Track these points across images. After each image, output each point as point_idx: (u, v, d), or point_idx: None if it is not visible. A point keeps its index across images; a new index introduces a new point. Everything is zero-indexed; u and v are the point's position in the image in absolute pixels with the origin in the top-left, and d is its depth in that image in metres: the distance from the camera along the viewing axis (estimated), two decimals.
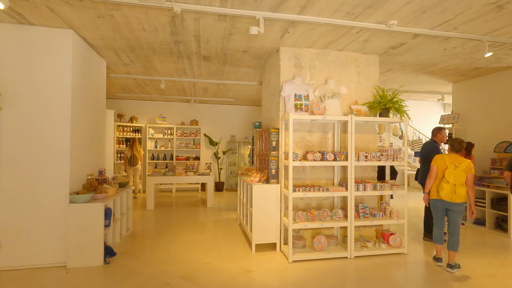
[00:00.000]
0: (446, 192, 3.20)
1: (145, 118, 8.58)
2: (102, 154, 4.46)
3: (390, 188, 3.80)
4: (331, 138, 4.03)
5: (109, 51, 4.14)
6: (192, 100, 8.06)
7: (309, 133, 3.97)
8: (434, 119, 9.68)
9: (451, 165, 3.28)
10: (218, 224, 5.08)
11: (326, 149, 4.02)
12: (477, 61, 4.49)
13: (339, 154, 3.62)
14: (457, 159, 3.30)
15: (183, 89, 6.87)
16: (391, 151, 3.81)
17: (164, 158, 8.56)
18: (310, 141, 3.97)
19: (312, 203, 3.97)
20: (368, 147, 4.15)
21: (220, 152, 9.05)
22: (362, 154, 3.64)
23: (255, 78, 5.66)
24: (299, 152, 3.91)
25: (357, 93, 4.13)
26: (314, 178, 3.97)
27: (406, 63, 4.63)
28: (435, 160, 3.45)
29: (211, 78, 5.68)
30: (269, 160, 3.81)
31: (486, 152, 5.25)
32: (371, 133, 4.16)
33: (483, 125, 5.40)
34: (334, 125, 4.00)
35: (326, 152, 3.61)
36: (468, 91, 5.71)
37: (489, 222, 4.83)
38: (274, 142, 3.83)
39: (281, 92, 3.76)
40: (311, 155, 3.55)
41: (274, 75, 4.25)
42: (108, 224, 3.58)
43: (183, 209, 6.25)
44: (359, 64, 4.15)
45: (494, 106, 5.20)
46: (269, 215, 3.75)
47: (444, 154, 3.50)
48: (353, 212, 3.59)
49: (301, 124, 3.94)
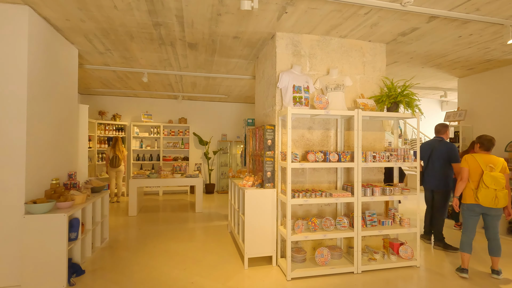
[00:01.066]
0: (487, 198, 2.94)
1: (129, 115, 7.99)
2: (73, 154, 3.90)
3: (401, 193, 3.36)
4: (334, 136, 3.57)
5: (79, 36, 3.59)
6: (180, 96, 7.52)
7: (309, 130, 3.50)
8: (432, 117, 9.36)
9: (486, 166, 3.01)
10: (207, 232, 4.57)
11: (328, 149, 3.56)
12: (491, 52, 4.10)
13: (344, 154, 3.16)
14: (490, 159, 3.04)
15: (169, 84, 6.33)
16: (401, 151, 3.38)
17: (150, 159, 7.99)
18: (310, 139, 3.50)
19: (313, 209, 3.50)
20: (374, 146, 3.71)
21: (210, 152, 8.53)
22: (370, 154, 3.19)
23: (248, 71, 5.17)
24: (298, 152, 3.44)
25: (362, 85, 3.69)
26: (315, 181, 3.51)
27: (414, 54, 4.21)
28: (466, 161, 3.15)
29: (199, 70, 5.16)
30: (264, 161, 3.33)
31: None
32: (377, 130, 3.72)
33: (492, 122, 5.04)
34: (337, 121, 3.55)
35: (329, 152, 3.15)
36: (475, 86, 5.34)
37: (503, 227, 4.46)
38: (270, 140, 3.35)
39: (278, 84, 3.28)
40: (312, 155, 3.08)
41: (269, 65, 3.77)
42: (75, 238, 3.04)
43: (169, 215, 5.72)
44: (364, 53, 3.71)
45: (505, 101, 4.84)
46: (264, 225, 3.27)
47: (474, 154, 3.16)
48: (360, 220, 3.14)
49: (299, 121, 3.47)
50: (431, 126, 9.67)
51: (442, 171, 3.94)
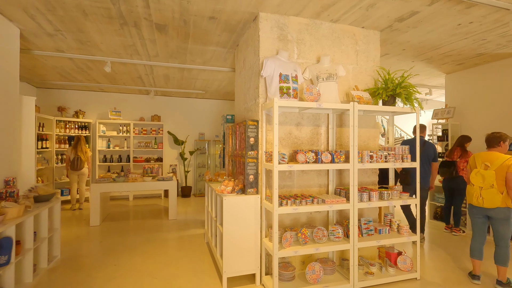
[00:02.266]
0: (472, 196, 2.85)
1: (94, 112, 7.19)
2: (11, 156, 3.20)
3: (399, 197, 3.00)
4: (324, 133, 3.15)
5: (18, 10, 2.91)
6: (152, 91, 6.84)
7: (297, 127, 3.05)
8: (412, 116, 9.32)
9: (481, 164, 2.85)
10: (181, 244, 4.01)
11: (319, 147, 3.13)
12: (485, 44, 3.87)
13: (338, 154, 2.74)
14: (488, 157, 2.84)
15: (138, 76, 5.67)
16: (399, 150, 3.02)
17: (119, 160, 7.23)
18: (298, 137, 3.06)
19: (302, 217, 3.06)
20: (368, 144, 3.33)
21: (186, 152, 7.90)
22: (367, 154, 2.80)
23: (227, 62, 4.66)
24: (285, 151, 2.98)
25: (355, 76, 3.30)
26: (304, 185, 3.07)
27: (408, 45, 3.90)
28: (468, 162, 3.06)
29: (172, 60, 4.58)
30: (246, 163, 2.84)
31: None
32: (371, 127, 3.35)
33: (480, 120, 4.87)
34: (329, 116, 3.13)
35: (321, 151, 2.72)
36: (463, 83, 5.16)
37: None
38: (252, 139, 2.86)
39: (261, 71, 2.80)
40: (302, 155, 2.64)
41: (251, 52, 3.29)
42: (5, 262, 2.38)
43: (138, 223, 5.07)
44: (357, 41, 3.32)
45: (493, 98, 4.68)
46: (246, 237, 2.78)
47: (477, 153, 2.97)
48: (356, 230, 2.73)
49: (287, 115, 3.02)
50: (409, 125, 9.63)
51: (428, 169, 4.05)
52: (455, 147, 4.46)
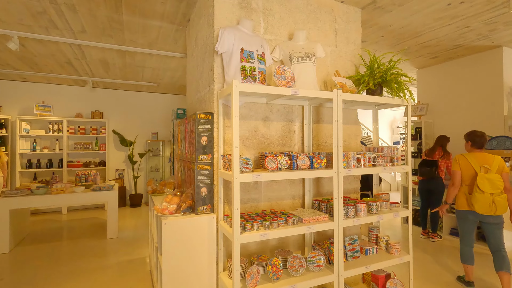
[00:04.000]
0: (483, 204, 2.55)
1: (14, 106, 5.82)
2: None
3: (390, 208, 2.45)
4: (299, 130, 2.49)
5: None
6: (90, 82, 5.69)
7: (264, 122, 2.35)
8: (369, 115, 9.21)
9: (480, 167, 2.64)
10: (118, 276, 3.09)
11: (292, 148, 2.47)
12: (467, 33, 3.54)
13: (318, 157, 2.10)
14: (484, 159, 2.66)
15: (68, 62, 4.55)
16: (388, 151, 2.47)
17: (49, 165, 5.95)
18: (266, 135, 2.36)
19: (272, 239, 2.37)
20: (349, 144, 2.75)
21: (136, 154, 6.83)
22: (353, 157, 2.19)
23: (178, 45, 3.82)
24: (249, 154, 2.27)
25: (334, 61, 2.70)
26: (274, 197, 2.38)
27: (388, 30, 3.42)
28: (457, 163, 2.79)
29: (106, 39, 3.61)
30: (196, 171, 2.07)
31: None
32: (353, 123, 2.78)
33: (454, 118, 4.63)
34: (304, 109, 2.47)
35: (296, 154, 2.05)
36: (436, 78, 4.91)
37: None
38: (205, 138, 2.10)
39: (216, 45, 2.05)
40: (272, 160, 1.94)
41: (204, 24, 2.52)
42: None
43: (67, 246, 4.00)
44: (336, 18, 2.72)
45: (466, 95, 4.45)
46: (195, 273, 2.01)
47: (465, 154, 2.79)
48: (341, 256, 2.10)
49: (251, 107, 2.30)
50: (369, 122, 9.53)
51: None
52: (437, 146, 4.13)
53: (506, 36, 3.63)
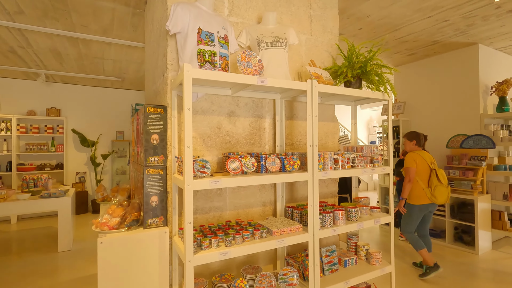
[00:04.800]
0: (443, 195, 2.91)
1: None
2: None
3: (370, 214, 2.22)
4: (270, 128, 2.19)
5: None
6: (43, 75, 5.09)
7: (229, 118, 2.03)
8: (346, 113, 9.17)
9: (430, 163, 3.00)
10: None
11: (262, 148, 2.16)
12: (445, 28, 3.41)
13: (290, 158, 1.81)
14: (429, 156, 3.07)
15: (11, 50, 3.97)
16: (368, 150, 2.23)
17: None
18: (232, 133, 2.03)
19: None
20: (326, 143, 2.49)
21: (99, 156, 6.25)
22: (330, 158, 1.92)
23: (138, 33, 3.40)
24: (211, 156, 1.93)
25: (309, 51, 2.42)
26: (241, 204, 2.06)
27: (366, 21, 3.21)
28: (414, 160, 3.00)
29: (51, 23, 3.13)
30: (145, 176, 1.71)
31: (438, 148, 4.39)
32: (330, 120, 2.52)
33: (431, 116, 4.55)
34: (275, 103, 2.17)
35: (265, 155, 1.75)
36: (413, 76, 4.82)
37: (449, 234, 3.90)
38: (156, 136, 1.74)
39: (167, 23, 1.69)
40: (235, 163, 1.62)
41: (158, 2, 2.15)
42: None
43: (9, 261, 3.45)
44: (311, 3, 2.45)
45: (443, 93, 4.38)
46: None
47: (418, 151, 3.07)
48: (317, 271, 1.82)
49: (214, 100, 1.97)
50: (347, 126, 9.51)
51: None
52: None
53: (482, 33, 3.56)
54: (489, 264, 3.29)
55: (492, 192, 3.79)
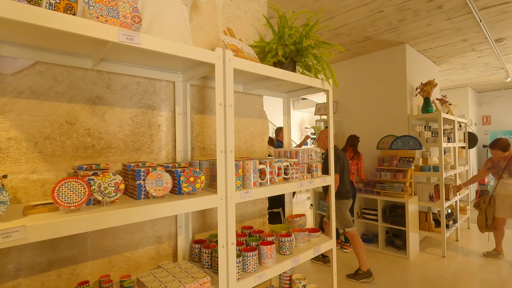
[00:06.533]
0: None
1: None
2: None
3: (308, 240, 1.68)
4: (168, 124, 1.47)
5: None
6: None
7: (93, 107, 1.23)
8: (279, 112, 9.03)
9: None
10: None
11: (155, 156, 1.42)
12: (378, 21, 3.20)
13: (190, 173, 1.12)
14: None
15: None
16: (305, 155, 1.70)
17: None
18: (98, 132, 1.24)
19: None
20: (253, 146, 1.88)
21: None
22: (254, 168, 1.30)
23: None
24: (50, 170, 1.11)
25: (228, 20, 1.78)
26: (115, 247, 1.29)
27: (299, 3, 2.74)
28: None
29: None
30: None
31: (368, 149, 4.26)
32: (257, 116, 1.93)
33: (362, 117, 4.43)
34: (176, 87, 1.45)
35: (147, 169, 1.03)
36: (345, 75, 4.66)
37: (381, 239, 3.75)
38: None
39: None
40: (78, 188, 0.86)
41: None
42: None
43: None
44: None
45: (375, 93, 4.28)
46: None
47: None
48: None
49: (60, 75, 1.15)
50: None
51: None
52: (348, 146, 3.75)
53: (410, 31, 3.48)
54: (421, 269, 3.17)
55: (419, 194, 3.77)
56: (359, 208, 3.99)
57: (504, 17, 3.13)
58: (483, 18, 3.12)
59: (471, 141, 5.42)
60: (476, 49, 4.17)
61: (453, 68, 5.19)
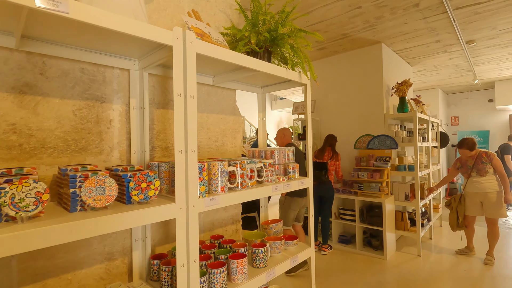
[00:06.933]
0: None
1: None
2: None
3: (285, 248, 1.52)
4: (122, 120, 1.25)
5: None
6: None
7: (20, 97, 0.99)
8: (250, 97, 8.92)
9: None
10: None
11: (106, 156, 1.19)
12: (355, 18, 3.13)
13: (142, 178, 0.92)
14: None
15: None
16: (281, 156, 1.55)
17: None
18: (28, 128, 1.00)
19: None
20: (224, 146, 1.70)
21: None
22: (222, 171, 1.12)
23: None
24: None
25: (196, 5, 1.59)
26: (51, 268, 1.05)
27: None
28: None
29: None
30: None
31: (347, 149, 4.21)
32: (230, 113, 1.75)
33: (339, 116, 4.38)
34: (130, 76, 1.24)
35: (86, 174, 0.81)
36: (322, 73, 4.59)
37: (359, 239, 3.70)
38: None
39: None
40: None
41: None
42: None
43: None
44: None
45: (352, 92, 4.24)
46: None
47: None
48: None
49: None
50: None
51: None
52: (326, 146, 3.66)
53: (387, 29, 3.45)
54: (398, 269, 3.14)
55: (395, 193, 3.76)
56: (336, 209, 3.93)
57: (476, 18, 3.18)
58: (457, 19, 3.15)
59: (443, 141, 5.58)
60: (448, 50, 4.26)
61: (426, 69, 5.30)
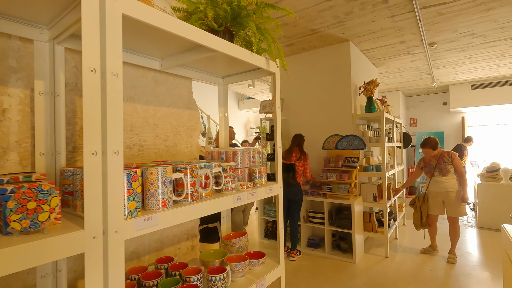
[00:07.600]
0: None
1: None
2: None
3: (250, 268, 1.26)
4: (23, 109, 0.90)
5: None
6: None
7: None
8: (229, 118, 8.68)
9: None
10: None
11: None
12: (325, 13, 2.99)
13: (29, 192, 0.60)
14: None
15: None
16: (245, 157, 1.29)
17: None
18: None
19: None
20: (177, 146, 1.40)
21: None
22: (164, 179, 0.83)
23: None
24: None
25: None
26: None
27: None
28: None
29: None
30: None
31: (315, 149, 4.09)
32: (184, 107, 1.45)
33: (307, 116, 4.25)
34: (34, 48, 0.90)
35: None
36: (290, 71, 4.43)
37: (328, 243, 3.58)
38: None
39: None
40: None
41: None
42: None
43: None
44: None
45: (320, 91, 4.13)
46: None
47: None
48: None
49: None
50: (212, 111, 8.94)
51: None
52: (294, 146, 3.49)
53: (355, 27, 3.37)
54: (367, 273, 3.05)
55: (363, 194, 3.70)
56: (305, 212, 3.77)
57: (440, 20, 3.21)
58: (423, 19, 3.15)
59: (406, 141, 5.74)
60: (411, 52, 4.34)
61: (389, 71, 5.40)
